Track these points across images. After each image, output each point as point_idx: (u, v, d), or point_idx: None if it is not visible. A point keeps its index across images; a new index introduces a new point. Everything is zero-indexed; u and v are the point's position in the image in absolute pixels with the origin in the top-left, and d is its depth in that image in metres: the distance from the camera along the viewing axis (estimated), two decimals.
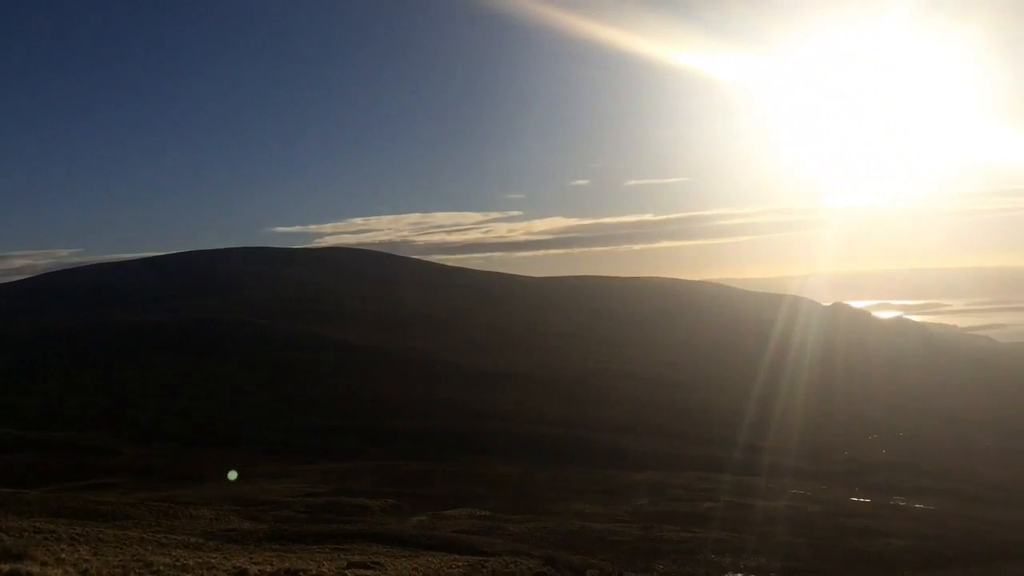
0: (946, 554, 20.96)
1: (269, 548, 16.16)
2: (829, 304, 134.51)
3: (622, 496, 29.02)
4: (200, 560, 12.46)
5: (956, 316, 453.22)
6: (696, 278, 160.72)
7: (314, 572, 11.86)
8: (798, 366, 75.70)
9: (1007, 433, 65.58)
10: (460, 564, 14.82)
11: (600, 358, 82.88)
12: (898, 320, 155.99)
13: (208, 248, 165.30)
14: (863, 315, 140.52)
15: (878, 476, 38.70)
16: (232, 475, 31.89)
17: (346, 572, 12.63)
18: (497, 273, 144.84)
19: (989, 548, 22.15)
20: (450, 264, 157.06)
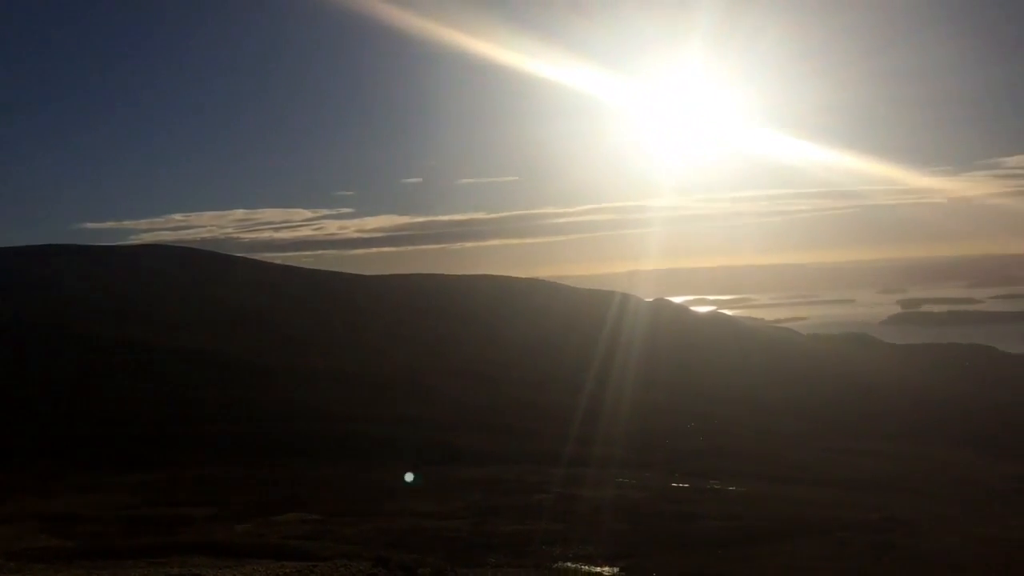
0: (756, 532, 22.42)
1: (79, 566, 15.02)
2: (652, 300, 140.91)
3: (455, 493, 29.13)
4: None
5: (763, 310, 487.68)
6: (528, 276, 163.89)
7: None
8: (625, 360, 78.76)
9: (808, 418, 71.33)
10: (288, 570, 14.36)
11: (432, 356, 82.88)
12: (713, 314, 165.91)
13: (8, 245, 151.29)
14: (682, 310, 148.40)
15: (696, 462, 40.86)
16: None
17: None
18: (327, 271, 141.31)
19: (794, 524, 23.88)
20: (278, 262, 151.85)
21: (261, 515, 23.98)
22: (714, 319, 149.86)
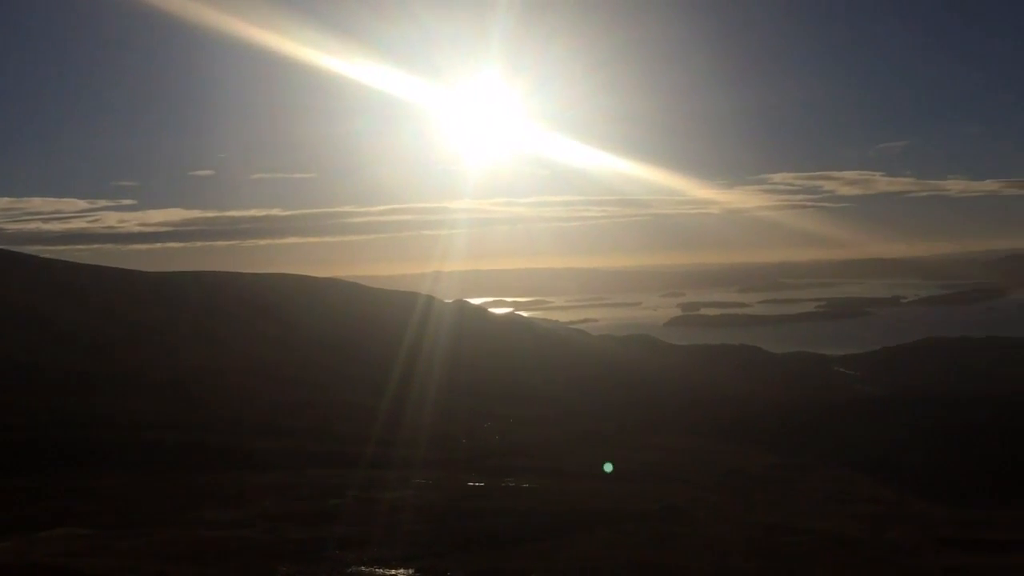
0: (549, 526, 23.25)
1: None
2: (452, 301, 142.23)
3: (247, 499, 27.97)
4: None
5: (559, 311, 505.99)
6: (326, 275, 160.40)
7: None
8: (427, 362, 79.06)
9: (598, 417, 74.82)
10: None
11: (224, 356, 79.14)
12: (511, 316, 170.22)
13: None
14: (481, 312, 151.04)
15: (492, 461, 41.73)
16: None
17: None
18: (104, 267, 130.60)
19: (584, 518, 24.97)
20: (48, 256, 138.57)
21: (25, 531, 21.86)
22: (512, 320, 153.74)
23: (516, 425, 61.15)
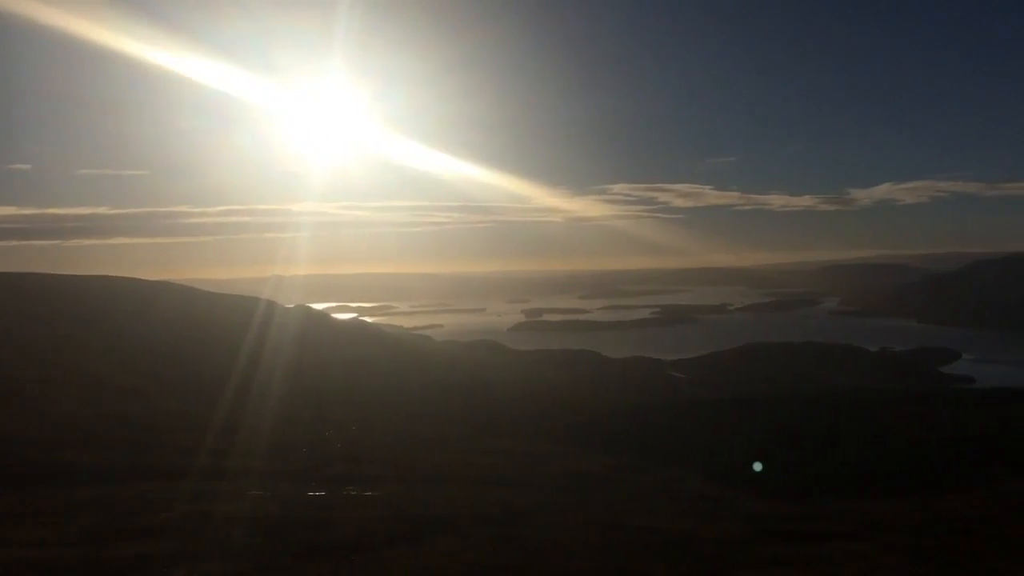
0: (391, 534, 22.88)
1: None
2: (294, 306, 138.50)
3: (66, 517, 25.92)
4: None
5: (403, 317, 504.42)
6: (158, 278, 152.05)
7: None
8: (267, 369, 76.56)
9: (442, 421, 74.78)
10: None
11: (40, 364, 73.35)
12: (354, 321, 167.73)
13: None
14: (324, 317, 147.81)
15: (333, 470, 40.75)
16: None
17: None
18: None
19: (426, 524, 24.76)
20: None
21: None
22: (356, 326, 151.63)
23: (359, 432, 60.09)
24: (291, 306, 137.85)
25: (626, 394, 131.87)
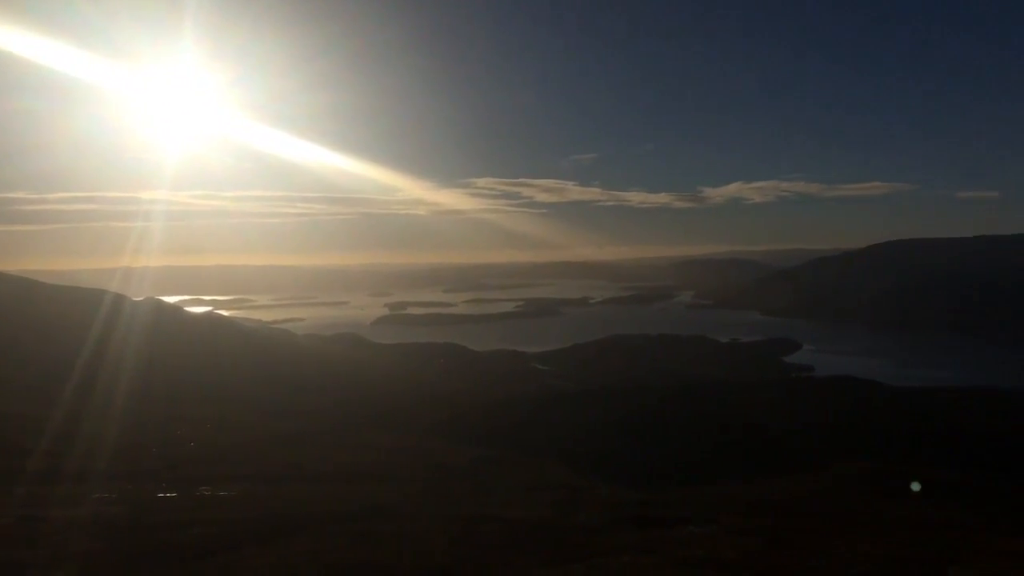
0: (247, 535, 22.17)
1: None
2: (143, 299, 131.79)
3: None
4: None
5: (261, 311, 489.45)
6: None
7: None
8: (115, 365, 72.78)
9: (301, 417, 73.15)
10: None
11: None
12: (209, 315, 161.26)
13: None
14: (176, 310, 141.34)
15: (186, 469, 39.14)
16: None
17: None
18: None
19: (285, 523, 24.15)
20: None
21: None
22: (210, 320, 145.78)
23: (215, 430, 57.90)
24: (140, 299, 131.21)
25: (490, 387, 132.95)
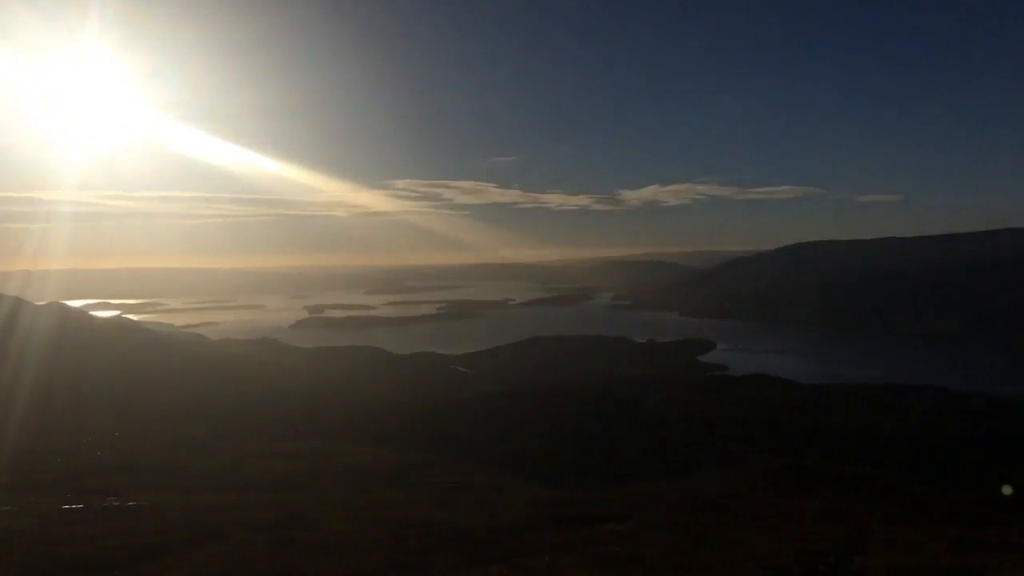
0: (158, 546, 21.45)
1: None
2: (45, 304, 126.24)
3: None
4: None
5: (173, 315, 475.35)
6: None
7: None
8: (14, 373, 69.61)
9: (216, 425, 71.27)
10: None
11: None
12: (117, 320, 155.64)
13: None
14: (82, 315, 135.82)
15: (94, 480, 37.69)
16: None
17: None
18: None
19: (198, 533, 23.45)
20: None
21: None
22: (119, 325, 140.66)
23: (124, 438, 55.88)
24: (43, 304, 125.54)
25: (412, 390, 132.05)
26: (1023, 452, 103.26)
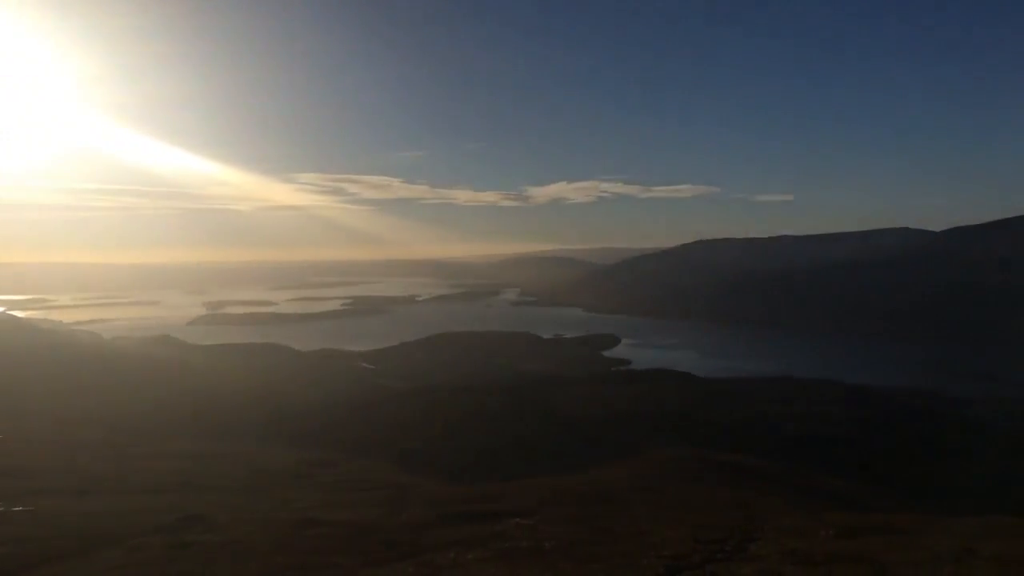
0: (52, 551, 20.63)
1: None
2: None
3: None
4: None
5: (63, 311, 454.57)
6: None
7: None
8: None
9: (111, 426, 68.58)
10: None
11: None
12: (3, 316, 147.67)
13: None
14: None
15: None
16: None
17: None
18: None
19: (89, 539, 22.62)
20: None
21: None
22: (4, 321, 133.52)
23: (8, 441, 53.14)
24: None
25: (314, 387, 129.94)
26: (907, 443, 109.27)
